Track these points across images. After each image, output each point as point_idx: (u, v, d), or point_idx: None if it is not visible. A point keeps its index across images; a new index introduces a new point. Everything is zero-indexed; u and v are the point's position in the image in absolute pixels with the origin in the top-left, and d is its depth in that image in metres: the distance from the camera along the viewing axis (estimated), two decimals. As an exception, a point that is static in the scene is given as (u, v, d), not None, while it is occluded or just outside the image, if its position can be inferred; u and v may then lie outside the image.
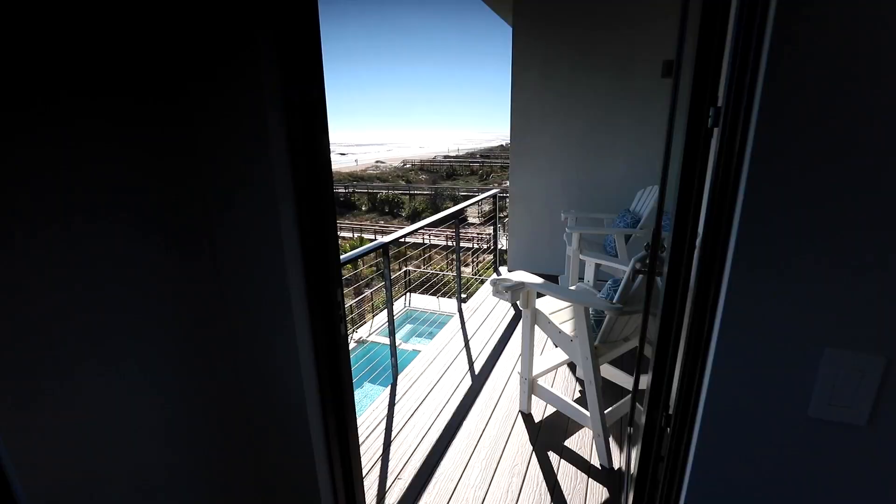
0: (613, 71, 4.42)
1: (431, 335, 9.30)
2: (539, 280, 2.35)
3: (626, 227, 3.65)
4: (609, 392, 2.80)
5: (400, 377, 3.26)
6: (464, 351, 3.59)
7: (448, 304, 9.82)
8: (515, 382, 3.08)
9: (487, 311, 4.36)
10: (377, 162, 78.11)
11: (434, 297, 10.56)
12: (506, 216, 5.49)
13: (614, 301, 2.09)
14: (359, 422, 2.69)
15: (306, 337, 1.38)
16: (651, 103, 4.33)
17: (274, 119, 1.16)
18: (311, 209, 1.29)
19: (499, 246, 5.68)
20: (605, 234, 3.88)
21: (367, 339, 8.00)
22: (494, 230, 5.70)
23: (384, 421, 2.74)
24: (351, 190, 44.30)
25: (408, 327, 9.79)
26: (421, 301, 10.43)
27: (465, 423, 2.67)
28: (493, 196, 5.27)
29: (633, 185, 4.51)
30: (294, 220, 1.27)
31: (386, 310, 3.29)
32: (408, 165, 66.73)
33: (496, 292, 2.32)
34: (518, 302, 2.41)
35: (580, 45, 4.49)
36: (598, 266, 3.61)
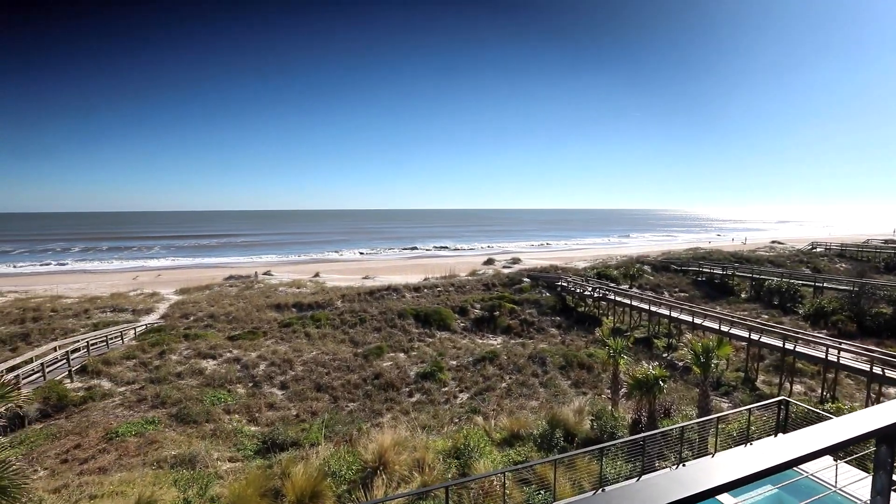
0: None
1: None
2: None
3: None
4: None
5: None
6: None
7: (856, 484, 5.48)
8: None
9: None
10: (773, 242, 64.84)
11: (831, 460, 6.40)
12: None
13: None
14: None
15: None
16: None
17: None
18: None
19: None
20: None
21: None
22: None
23: None
24: (731, 272, 37.83)
25: (771, 491, 6.37)
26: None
27: None
28: None
29: None
30: None
31: None
32: (818, 249, 52.18)
33: None
34: None
35: None
36: None
